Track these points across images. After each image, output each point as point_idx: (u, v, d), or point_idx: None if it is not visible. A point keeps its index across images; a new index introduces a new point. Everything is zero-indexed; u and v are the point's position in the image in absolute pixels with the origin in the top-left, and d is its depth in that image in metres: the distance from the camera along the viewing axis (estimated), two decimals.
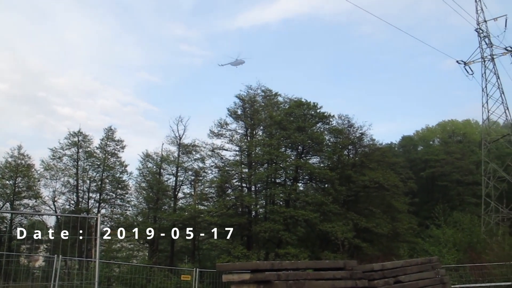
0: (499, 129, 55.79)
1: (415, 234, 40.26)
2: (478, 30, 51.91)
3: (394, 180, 40.20)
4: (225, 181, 37.90)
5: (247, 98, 40.67)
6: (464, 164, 63.44)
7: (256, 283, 7.90)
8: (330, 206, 34.87)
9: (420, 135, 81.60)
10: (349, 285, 8.98)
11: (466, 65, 51.88)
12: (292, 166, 37.77)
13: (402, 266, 10.68)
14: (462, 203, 59.21)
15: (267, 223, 33.32)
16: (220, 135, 39.49)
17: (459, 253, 25.59)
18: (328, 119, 40.61)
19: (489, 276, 19.24)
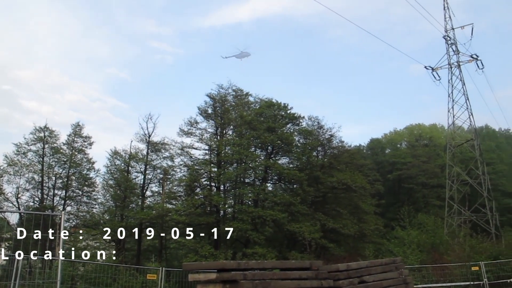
0: (463, 134, 57.29)
1: (381, 235, 40.93)
2: (446, 37, 53.17)
3: (362, 182, 40.73)
4: (194, 180, 37.69)
5: (218, 97, 40.55)
6: (429, 167, 64.82)
7: (222, 283, 7.90)
8: (298, 207, 35.10)
9: (388, 138, 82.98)
10: (315, 285, 9.08)
11: (433, 70, 53.08)
12: (261, 166, 37.88)
13: (367, 266, 10.86)
14: (426, 205, 60.50)
15: (235, 222, 33.29)
16: (190, 133, 39.24)
17: (422, 254, 26.14)
18: (298, 120, 40.89)
19: (450, 276, 19.74)
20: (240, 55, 62.03)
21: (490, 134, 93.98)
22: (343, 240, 39.12)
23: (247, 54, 62.19)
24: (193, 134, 39.19)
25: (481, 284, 18.53)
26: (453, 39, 52.93)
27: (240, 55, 62.10)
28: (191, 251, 33.95)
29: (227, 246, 34.83)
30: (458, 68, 52.13)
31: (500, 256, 21.23)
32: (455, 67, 52.29)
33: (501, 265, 19.30)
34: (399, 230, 33.10)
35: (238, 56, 62.54)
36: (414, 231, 31.23)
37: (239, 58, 62.95)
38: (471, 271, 19.44)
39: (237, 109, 41.25)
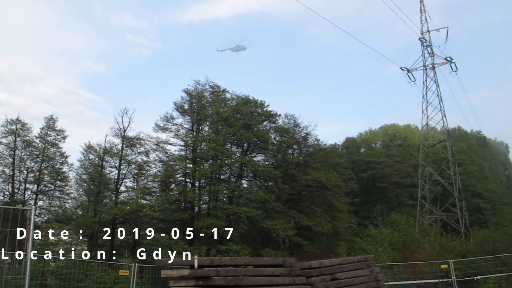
0: (436, 135, 58.22)
1: (354, 233, 41.38)
2: (421, 39, 53.96)
3: (336, 180, 41.12)
4: (169, 175, 37.48)
5: (194, 93, 40.36)
6: (403, 167, 65.74)
7: (195, 279, 7.93)
8: (273, 204, 35.26)
9: (363, 137, 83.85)
10: (287, 282, 9.16)
11: (409, 72, 53.82)
12: (237, 163, 37.91)
13: (339, 264, 11.01)
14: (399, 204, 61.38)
15: (209, 219, 33.24)
16: (165, 129, 38.97)
17: (394, 252, 26.53)
18: (275, 117, 41.04)
19: (420, 274, 20.09)
20: (235, 48, 61.23)
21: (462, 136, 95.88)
22: (317, 237, 39.47)
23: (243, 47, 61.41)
24: (169, 129, 38.98)
25: (450, 281, 18.92)
26: (428, 41, 53.76)
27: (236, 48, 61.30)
28: (165, 247, 33.78)
29: (201, 242, 34.79)
30: (432, 70, 53.01)
31: (468, 254, 21.70)
32: (430, 69, 53.16)
33: (469, 263, 19.73)
34: (372, 228, 33.52)
35: (233, 49, 61.75)
36: (387, 229, 31.66)
37: (234, 51, 62.18)
38: (440, 269, 19.82)
39: (213, 105, 41.13)
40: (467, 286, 18.96)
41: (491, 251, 21.52)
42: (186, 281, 8.05)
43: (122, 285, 18.71)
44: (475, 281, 18.88)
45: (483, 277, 18.73)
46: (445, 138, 52.78)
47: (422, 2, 54.79)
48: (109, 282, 19.47)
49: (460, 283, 18.87)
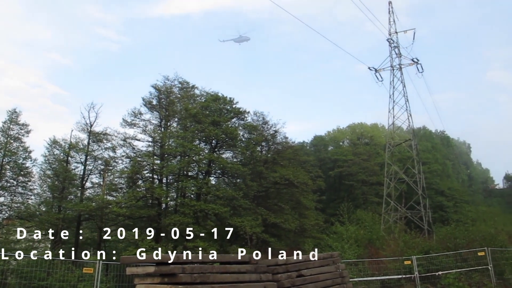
0: (402, 134, 59.42)
1: (320, 230, 41.83)
2: (389, 40, 54.98)
3: (304, 177, 41.46)
4: (136, 172, 37.01)
5: (163, 88, 39.96)
6: (369, 165, 66.89)
7: (161, 276, 7.89)
8: (241, 201, 35.30)
9: (331, 135, 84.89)
10: (254, 279, 9.21)
11: (377, 72, 54.78)
12: (205, 159, 37.75)
13: (305, 260, 11.12)
14: (365, 201, 62.47)
15: (177, 216, 33.03)
16: (133, 124, 38.44)
17: (359, 249, 26.95)
18: (244, 115, 41.05)
19: (385, 270, 20.48)
20: (238, 39, 60.53)
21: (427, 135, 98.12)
22: (284, 234, 39.72)
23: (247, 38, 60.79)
24: (137, 125, 38.47)
25: (413, 277, 19.37)
26: (396, 42, 54.84)
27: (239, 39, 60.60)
28: (131, 244, 33.40)
29: (168, 239, 34.56)
30: (399, 71, 54.12)
31: (430, 250, 22.24)
32: (397, 69, 54.23)
33: (431, 259, 20.25)
34: (338, 225, 33.95)
35: (236, 40, 61.04)
36: (353, 226, 32.14)
37: (237, 42, 61.48)
38: (404, 265, 20.26)
39: (182, 102, 40.85)
40: (429, 282, 19.46)
41: (452, 248, 22.12)
42: (152, 278, 8.00)
43: (87, 283, 18.40)
44: (436, 276, 19.39)
45: (444, 273, 19.25)
46: (411, 137, 53.94)
47: (391, 4, 55.85)
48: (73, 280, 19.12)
49: (422, 279, 19.34)
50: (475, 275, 19.61)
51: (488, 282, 19.24)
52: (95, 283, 16.07)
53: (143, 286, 8.04)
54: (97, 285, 15.73)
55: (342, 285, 11.63)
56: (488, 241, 22.30)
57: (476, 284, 18.78)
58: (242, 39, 59.99)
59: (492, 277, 19.59)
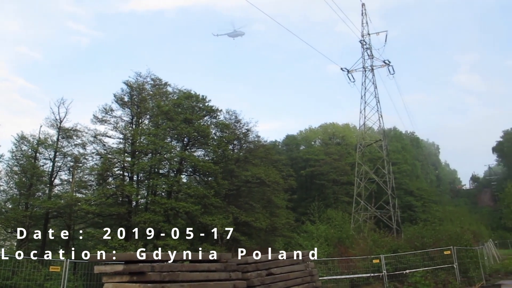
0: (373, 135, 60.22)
1: (291, 229, 42.06)
2: (362, 42, 55.67)
3: (276, 176, 41.63)
4: (106, 169, 36.48)
5: (135, 85, 39.51)
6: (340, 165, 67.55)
7: (129, 275, 7.81)
8: (212, 199, 35.21)
9: (303, 135, 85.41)
10: (223, 277, 9.21)
11: (349, 72, 55.39)
12: (176, 157, 37.53)
13: (275, 259, 11.17)
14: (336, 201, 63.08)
15: (147, 213, 32.75)
16: (104, 121, 37.87)
17: (329, 248, 27.22)
18: (216, 113, 40.95)
19: (354, 268, 20.74)
20: (232, 33, 59.78)
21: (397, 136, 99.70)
22: (255, 233, 39.82)
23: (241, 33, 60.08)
24: (108, 121, 37.92)
25: (381, 275, 19.66)
26: (368, 44, 55.57)
27: (233, 34, 59.86)
28: (101, 242, 32.94)
29: (138, 237, 34.24)
30: (371, 72, 54.84)
31: (398, 249, 22.60)
32: (369, 70, 54.95)
33: (399, 258, 20.61)
34: (309, 224, 34.21)
35: (230, 35, 60.30)
36: (323, 225, 32.40)
37: (231, 36, 60.76)
38: (372, 264, 20.55)
39: (154, 99, 40.46)
40: (396, 280, 19.78)
41: (420, 246, 22.53)
42: (120, 277, 7.92)
43: (54, 281, 18.07)
44: (404, 275, 19.73)
45: (411, 271, 19.61)
46: (381, 138, 54.73)
47: (364, 6, 56.49)
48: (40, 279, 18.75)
49: (390, 277, 19.65)
50: (441, 273, 20.04)
51: (453, 280, 19.71)
52: (62, 282, 15.78)
53: (111, 285, 7.95)
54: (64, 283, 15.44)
55: (311, 283, 11.74)
56: (454, 240, 22.83)
57: (442, 282, 19.19)
58: (236, 33, 59.60)
59: (457, 275, 20.07)
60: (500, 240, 66.67)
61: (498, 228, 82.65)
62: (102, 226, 33.79)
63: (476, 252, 23.62)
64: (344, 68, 55.39)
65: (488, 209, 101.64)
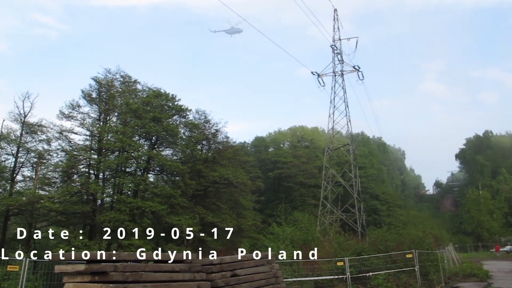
0: (341, 139, 60.96)
1: (258, 230, 42.18)
2: (333, 47, 56.25)
3: (244, 178, 41.67)
4: (71, 166, 35.80)
5: (104, 81, 38.84)
6: (308, 168, 68.10)
7: (91, 274, 7.66)
8: (179, 199, 34.99)
9: (272, 137, 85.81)
10: (187, 278, 9.14)
11: (319, 76, 55.84)
12: (144, 156, 37.14)
13: (240, 260, 11.16)
14: (303, 203, 63.57)
15: (112, 212, 32.28)
16: (70, 117, 37.07)
17: (295, 249, 27.36)
18: (185, 112, 40.73)
19: (318, 270, 20.92)
20: (230, 30, 58.88)
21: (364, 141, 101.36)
22: (221, 234, 39.73)
23: (239, 30, 59.14)
24: (74, 118, 37.13)
25: (345, 277, 19.90)
26: (339, 49, 56.18)
27: (231, 31, 58.96)
28: (63, 241, 32.30)
29: (102, 237, 33.73)
30: (341, 77, 55.50)
31: (362, 252, 22.95)
32: (339, 75, 55.59)
33: (363, 261, 20.92)
34: (275, 226, 34.34)
35: (228, 32, 59.39)
36: (289, 227, 32.57)
37: (229, 33, 59.88)
38: (336, 266, 20.77)
39: (123, 96, 39.91)
40: (360, 282, 20.06)
41: (383, 250, 22.93)
42: (82, 277, 7.76)
43: (12, 281, 17.60)
44: (367, 277, 20.03)
45: (375, 273, 19.93)
46: (349, 142, 55.42)
47: (336, 12, 57.11)
48: None
49: (354, 279, 19.91)
50: (402, 276, 20.46)
51: (414, 282, 20.14)
52: (20, 282, 15.36)
53: (72, 285, 7.79)
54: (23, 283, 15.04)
55: (276, 285, 11.76)
56: (416, 244, 23.35)
57: (403, 285, 19.58)
58: (234, 30, 58.88)
59: (418, 277, 20.52)
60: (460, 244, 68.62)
61: (458, 232, 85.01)
62: (65, 225, 33.15)
63: (436, 256, 24.21)
64: (315, 72, 55.87)
65: (450, 214, 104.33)
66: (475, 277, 26.34)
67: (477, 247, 73.81)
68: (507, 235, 77.58)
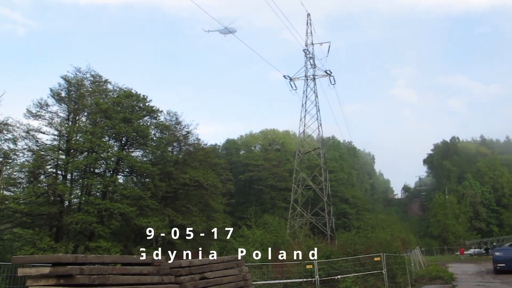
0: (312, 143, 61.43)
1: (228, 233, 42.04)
2: (305, 51, 56.64)
3: (214, 180, 41.55)
4: (38, 166, 35.06)
5: (73, 80, 38.17)
6: (279, 171, 68.45)
7: (56, 277, 7.49)
8: (148, 201, 34.64)
9: (243, 139, 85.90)
10: (155, 281, 9.06)
11: (291, 80, 56.11)
12: (113, 157, 36.67)
13: (209, 263, 11.13)
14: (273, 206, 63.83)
15: (80, 214, 31.71)
16: (38, 116, 36.28)
17: (264, 253, 27.38)
18: (156, 113, 40.37)
19: (288, 273, 21.01)
20: (224, 30, 57.87)
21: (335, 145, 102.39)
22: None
23: (233, 30, 58.19)
24: (42, 117, 36.34)
25: (313, 280, 20.03)
26: (311, 53, 56.57)
27: (224, 31, 57.96)
28: (28, 243, 31.54)
29: (69, 238, 33.10)
30: (313, 81, 55.92)
31: (332, 255, 23.15)
32: (311, 79, 55.97)
33: (332, 264, 21.10)
34: (245, 229, 34.29)
35: (222, 32, 58.40)
36: (259, 230, 32.56)
37: (223, 33, 58.91)
38: (306, 269, 20.89)
39: (93, 96, 39.27)
40: (328, 285, 20.22)
41: (352, 253, 23.19)
42: (46, 280, 7.58)
43: None
44: (335, 280, 20.20)
45: (343, 276, 20.12)
46: (320, 146, 55.84)
47: (309, 16, 57.52)
48: None
49: (322, 282, 20.06)
50: (370, 279, 20.73)
51: (381, 285, 20.42)
52: None
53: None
54: None
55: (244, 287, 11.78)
56: (384, 247, 23.70)
57: (371, 287, 19.81)
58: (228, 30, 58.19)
59: (385, 280, 20.82)
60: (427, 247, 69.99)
61: (425, 236, 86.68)
62: (30, 226, 32.38)
63: (404, 259, 24.62)
64: (287, 76, 56.14)
65: (417, 218, 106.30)
66: (441, 280, 26.98)
67: (442, 250, 75.42)
68: (471, 239, 79.61)
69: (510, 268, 31.05)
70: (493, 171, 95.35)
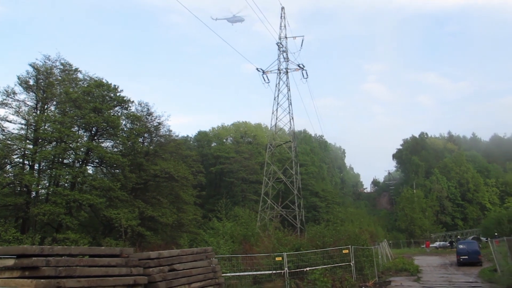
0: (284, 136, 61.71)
1: (198, 225, 42.05)
2: (279, 44, 56.67)
3: (185, 172, 41.42)
4: (4, 156, 34.24)
5: (42, 68, 37.31)
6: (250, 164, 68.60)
7: (21, 270, 7.37)
8: (118, 193, 34.34)
9: (215, 132, 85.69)
10: (124, 272, 9.01)
11: (264, 73, 56.12)
12: (83, 147, 36.10)
13: (178, 255, 11.13)
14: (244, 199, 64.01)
15: (47, 205, 31.16)
16: (4, 104, 35.39)
17: (234, 245, 27.45)
18: (127, 104, 39.94)
19: (257, 265, 21.14)
20: (232, 18, 56.94)
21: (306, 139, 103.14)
22: (161, 228, 39.38)
23: (241, 19, 57.31)
24: (9, 105, 35.47)
25: (282, 272, 20.20)
26: (285, 47, 56.66)
27: (232, 19, 57.04)
28: None
29: (36, 230, 32.52)
30: (286, 75, 56.05)
31: (301, 248, 23.36)
32: (284, 73, 56.10)
33: (301, 256, 21.30)
34: (216, 221, 34.30)
35: (230, 20, 57.43)
36: (229, 223, 32.62)
37: (231, 22, 57.93)
38: (275, 261, 21.04)
39: (63, 85, 38.49)
40: (297, 277, 20.42)
41: (321, 245, 23.47)
42: (11, 272, 7.46)
43: None
44: (304, 272, 20.43)
45: (312, 269, 20.35)
46: (291, 139, 56.11)
47: (283, 10, 57.54)
48: None
49: (291, 274, 20.24)
50: (338, 271, 21.04)
51: (349, 277, 20.77)
52: None
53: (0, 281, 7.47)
54: None
55: (214, 279, 11.82)
56: (353, 240, 24.12)
57: (339, 279, 20.12)
58: (236, 19, 57.39)
59: (353, 272, 21.20)
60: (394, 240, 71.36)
61: (393, 229, 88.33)
62: None
63: (371, 252, 25.11)
64: (260, 69, 56.12)
65: (385, 212, 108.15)
66: (406, 272, 27.68)
67: (409, 243, 77.01)
68: (436, 232, 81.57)
69: (472, 260, 32.11)
70: (459, 167, 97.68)
